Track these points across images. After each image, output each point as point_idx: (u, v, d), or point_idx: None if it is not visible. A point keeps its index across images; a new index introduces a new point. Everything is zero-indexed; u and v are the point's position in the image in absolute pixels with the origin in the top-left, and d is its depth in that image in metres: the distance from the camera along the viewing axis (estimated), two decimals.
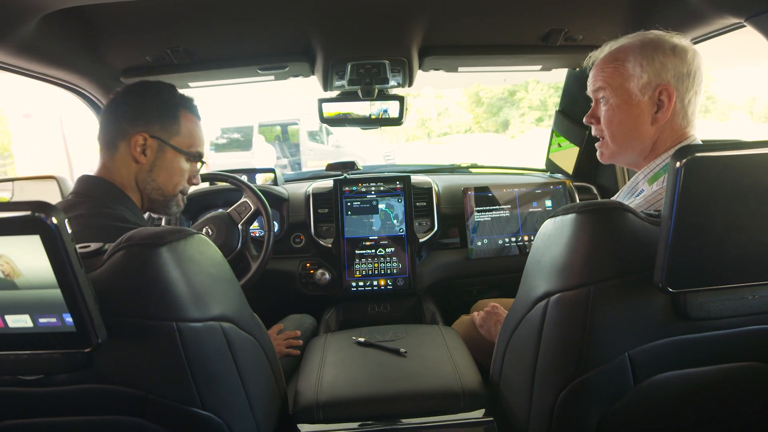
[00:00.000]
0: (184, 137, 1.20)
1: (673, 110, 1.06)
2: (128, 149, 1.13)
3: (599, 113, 1.15)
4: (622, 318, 0.83)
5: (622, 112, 1.10)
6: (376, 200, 1.94)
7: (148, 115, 1.14)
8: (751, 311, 0.84)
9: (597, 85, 1.14)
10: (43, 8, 1.12)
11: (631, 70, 1.07)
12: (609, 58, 1.12)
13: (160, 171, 1.18)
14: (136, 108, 1.14)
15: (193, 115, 1.24)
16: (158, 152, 1.16)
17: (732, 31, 1.35)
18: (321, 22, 1.47)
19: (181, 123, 1.19)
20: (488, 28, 1.59)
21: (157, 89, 1.18)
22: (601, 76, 1.12)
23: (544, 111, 20.56)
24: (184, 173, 1.23)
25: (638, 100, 1.07)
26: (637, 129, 1.09)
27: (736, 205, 0.71)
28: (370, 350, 1.35)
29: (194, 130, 1.23)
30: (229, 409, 0.87)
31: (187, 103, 1.22)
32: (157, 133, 1.15)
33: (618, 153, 1.15)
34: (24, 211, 0.58)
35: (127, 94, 1.16)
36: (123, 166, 1.14)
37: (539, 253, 0.93)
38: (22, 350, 0.70)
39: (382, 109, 1.88)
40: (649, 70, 1.05)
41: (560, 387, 0.88)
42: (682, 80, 1.05)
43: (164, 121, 1.16)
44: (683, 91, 1.05)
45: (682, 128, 1.08)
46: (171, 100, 1.19)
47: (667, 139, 1.09)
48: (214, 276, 0.86)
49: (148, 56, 1.58)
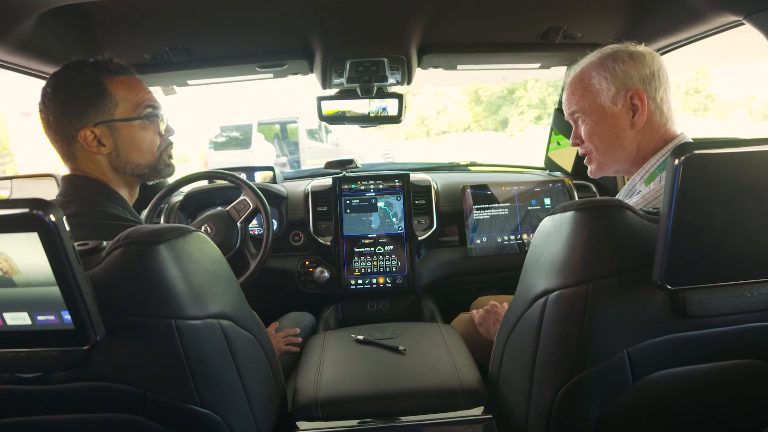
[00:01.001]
0: (125, 103, 1.09)
1: (648, 111, 1.10)
2: (85, 149, 1.07)
3: (580, 132, 1.20)
4: (620, 315, 0.83)
5: (601, 126, 1.14)
6: (375, 198, 1.94)
7: (77, 109, 1.04)
8: (750, 308, 0.85)
9: (571, 109, 1.19)
10: (41, 5, 1.12)
11: (597, 85, 1.13)
12: (575, 80, 1.18)
13: (127, 150, 1.10)
14: (62, 109, 1.04)
15: (119, 75, 1.10)
16: (113, 134, 1.08)
17: (730, 29, 1.35)
18: (319, 20, 1.47)
19: (113, 93, 1.08)
20: (487, 25, 1.59)
21: (69, 77, 1.05)
22: (573, 99, 1.18)
23: (543, 109, 20.57)
24: (151, 136, 1.14)
25: (612, 111, 1.12)
26: (618, 137, 1.13)
27: (734, 202, 0.71)
28: (369, 348, 1.35)
29: (131, 91, 1.11)
30: (228, 407, 0.87)
31: (106, 68, 1.09)
32: (98, 120, 1.06)
33: (605, 164, 1.19)
34: (22, 208, 0.58)
35: (47, 100, 1.05)
36: (92, 165, 1.09)
37: (538, 251, 0.93)
38: (20, 348, 0.70)
39: (381, 107, 1.88)
40: (615, 81, 1.10)
41: (559, 384, 0.88)
42: (649, 82, 1.09)
43: (96, 104, 1.06)
44: (653, 92, 1.10)
45: (662, 126, 1.11)
46: (88, 78, 1.06)
47: (650, 139, 1.12)
48: (213, 274, 0.86)
49: (147, 54, 1.58)
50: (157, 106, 1.16)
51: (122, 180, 1.14)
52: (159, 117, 1.16)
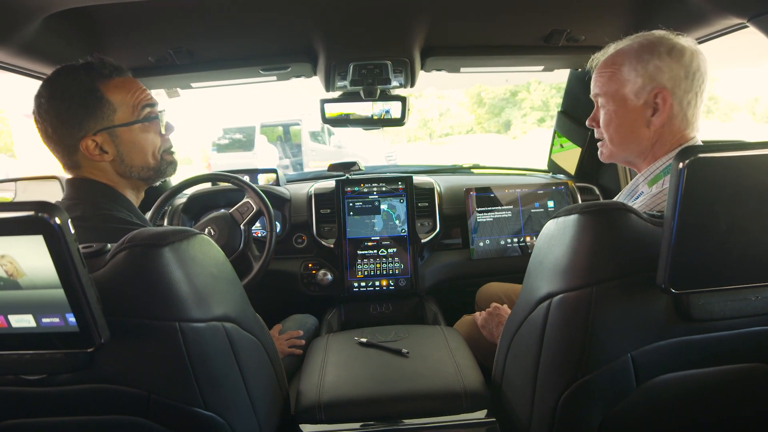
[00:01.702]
0: (123, 107, 1.07)
1: (670, 113, 1.05)
2: (87, 158, 1.05)
3: (599, 116, 1.16)
4: (624, 319, 0.83)
5: (619, 117, 1.11)
6: (378, 201, 1.94)
7: (76, 119, 1.02)
8: (754, 312, 0.84)
9: (595, 91, 1.15)
10: (46, 9, 1.12)
11: (626, 75, 1.08)
12: (607, 62, 1.13)
13: (130, 154, 1.09)
14: (60, 120, 1.02)
15: (113, 78, 1.07)
16: (114, 141, 1.06)
17: (734, 32, 1.35)
18: (323, 23, 1.47)
19: (109, 98, 1.05)
20: (490, 28, 1.59)
21: (63, 86, 1.02)
22: (599, 82, 1.13)
23: (546, 111, 20.56)
24: (152, 138, 1.12)
25: (634, 105, 1.08)
26: (633, 133, 1.10)
27: (738, 205, 0.71)
28: (372, 351, 1.35)
29: (127, 93, 1.08)
30: (231, 409, 0.87)
31: (99, 73, 1.06)
32: (98, 128, 1.04)
33: (616, 153, 1.16)
34: (27, 211, 0.58)
35: (43, 111, 1.02)
36: (98, 172, 1.08)
37: (542, 254, 0.93)
38: (25, 350, 0.70)
39: (384, 109, 1.88)
40: (644, 74, 1.05)
41: (562, 388, 0.88)
42: (679, 83, 1.04)
43: (94, 112, 1.03)
44: (681, 94, 1.04)
45: (681, 130, 1.07)
46: (83, 85, 1.02)
47: (666, 141, 1.08)
48: (217, 276, 0.87)
49: (151, 57, 1.58)
50: (155, 104, 1.13)
51: (128, 184, 1.13)
52: (158, 117, 1.14)
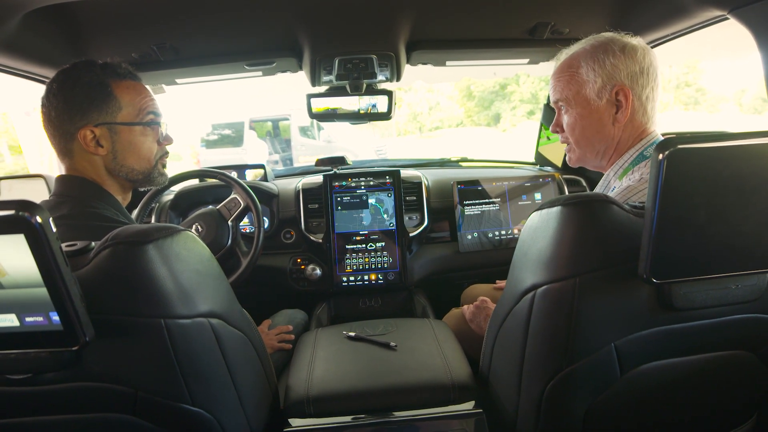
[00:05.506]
0: (129, 108, 1.10)
1: (632, 108, 1.08)
2: (82, 148, 1.07)
3: (562, 121, 1.18)
4: (607, 309, 0.84)
5: (584, 119, 1.13)
6: (365, 195, 1.94)
7: (80, 107, 1.05)
8: (735, 300, 0.86)
9: (555, 97, 1.17)
10: (26, 5, 1.11)
11: (585, 75, 1.10)
12: (563, 66, 1.15)
13: (125, 153, 1.11)
14: (66, 105, 1.04)
15: (126, 80, 1.11)
16: (112, 137, 1.08)
17: (716, 24, 1.36)
18: (307, 17, 1.46)
19: (118, 96, 1.08)
20: (475, 21, 1.60)
21: (76, 75, 1.06)
22: (558, 87, 1.15)
23: (536, 104, 20.58)
24: (149, 143, 1.14)
25: (597, 105, 1.10)
26: (600, 132, 1.12)
27: (718, 196, 0.72)
28: (361, 345, 1.35)
29: (135, 96, 1.11)
30: (219, 405, 0.87)
31: (114, 71, 1.10)
32: (99, 120, 1.06)
33: (584, 157, 1.18)
34: (8, 210, 0.58)
35: (51, 95, 1.05)
36: (88, 165, 1.09)
37: (526, 246, 0.94)
38: (9, 350, 0.70)
39: (370, 103, 1.88)
40: (602, 74, 1.08)
41: (548, 378, 0.89)
42: (636, 79, 1.07)
43: (100, 105, 1.06)
44: (639, 89, 1.08)
45: (642, 125, 1.11)
46: (95, 78, 1.06)
47: (628, 137, 1.11)
48: (202, 272, 0.86)
49: (134, 53, 1.57)
50: (159, 113, 1.16)
51: (115, 183, 1.14)
52: (159, 125, 1.16)
